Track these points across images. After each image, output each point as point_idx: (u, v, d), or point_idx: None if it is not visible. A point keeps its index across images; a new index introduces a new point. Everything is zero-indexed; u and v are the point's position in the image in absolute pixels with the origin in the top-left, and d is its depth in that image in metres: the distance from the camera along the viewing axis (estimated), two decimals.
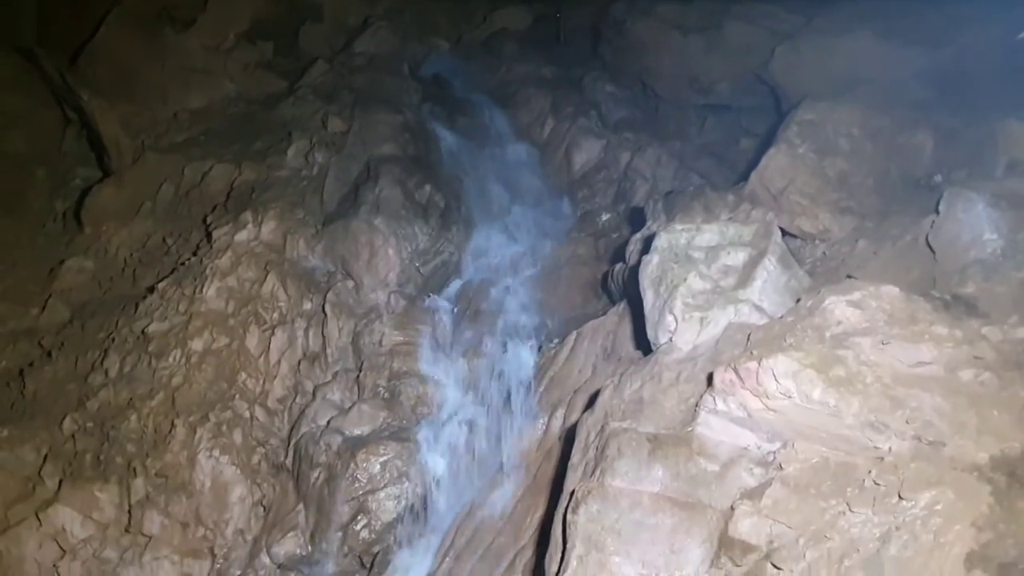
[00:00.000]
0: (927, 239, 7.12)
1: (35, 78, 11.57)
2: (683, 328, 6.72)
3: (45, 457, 8.34)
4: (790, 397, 5.62)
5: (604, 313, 9.15)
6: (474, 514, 7.78)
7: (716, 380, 6.01)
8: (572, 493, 6.02)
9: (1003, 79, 9.04)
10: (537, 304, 9.98)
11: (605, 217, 11.43)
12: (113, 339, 9.21)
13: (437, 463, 8.40)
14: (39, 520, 7.96)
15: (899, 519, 4.92)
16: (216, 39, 12.57)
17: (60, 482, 8.18)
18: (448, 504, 8.22)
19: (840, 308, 5.89)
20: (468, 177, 11.57)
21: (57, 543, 7.94)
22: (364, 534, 8.16)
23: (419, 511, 8.19)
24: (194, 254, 9.92)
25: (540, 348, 9.11)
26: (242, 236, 9.74)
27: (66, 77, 11.03)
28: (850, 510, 5.27)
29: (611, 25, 13.99)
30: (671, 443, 5.97)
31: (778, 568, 5.30)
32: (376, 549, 8.11)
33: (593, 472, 6.06)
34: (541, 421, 8.11)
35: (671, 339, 6.77)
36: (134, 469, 8.22)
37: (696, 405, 6.17)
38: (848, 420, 5.44)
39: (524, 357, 9.00)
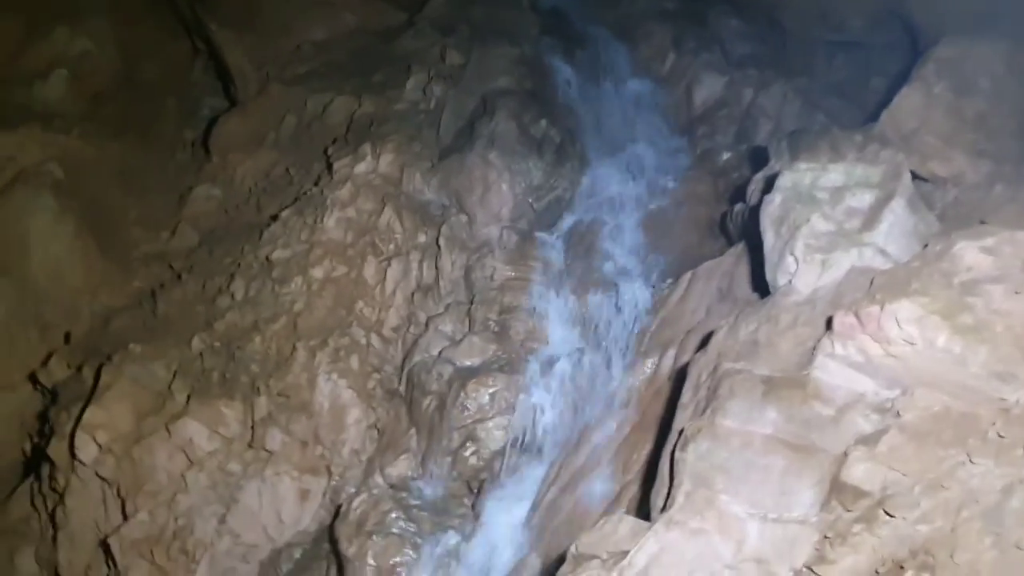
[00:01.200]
0: None
1: (166, 10, 11.96)
2: (803, 270, 6.54)
3: (175, 374, 8.82)
4: (913, 344, 5.43)
5: (721, 254, 9.00)
6: (580, 448, 7.85)
7: (836, 324, 5.85)
8: (681, 431, 6.01)
9: None
10: (651, 243, 9.88)
11: (726, 156, 11.16)
12: (239, 264, 9.61)
13: (544, 397, 8.49)
14: (169, 432, 8.45)
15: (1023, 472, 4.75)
16: None
17: (188, 397, 8.65)
18: (554, 437, 8.32)
19: (971, 254, 5.63)
20: (585, 112, 11.46)
21: (185, 454, 8.43)
22: (472, 460, 8.36)
23: (525, 442, 8.31)
24: (315, 184, 10.19)
25: (653, 287, 9.03)
26: (361, 168, 9.93)
27: (196, 8, 11.37)
28: (971, 461, 5.11)
29: None
30: (785, 385, 5.87)
31: (891, 515, 5.19)
32: (483, 476, 8.31)
33: (704, 411, 6.03)
34: (651, 360, 8.07)
35: (790, 281, 6.61)
36: (258, 388, 8.61)
37: (813, 349, 6.03)
38: (973, 369, 5.24)
39: (636, 296, 8.95)
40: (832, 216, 6.69)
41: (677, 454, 5.89)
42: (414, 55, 11.71)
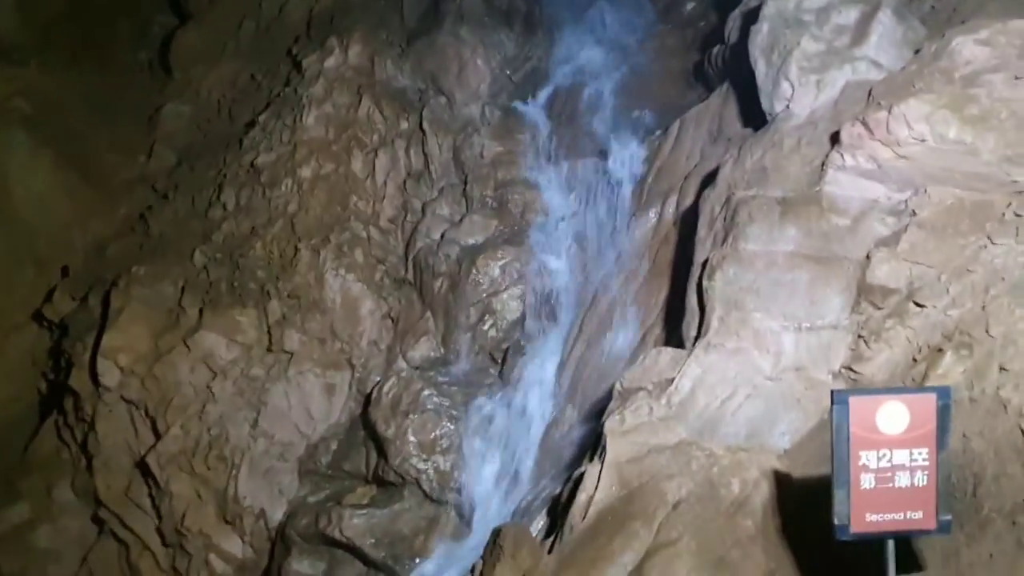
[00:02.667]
0: None
1: None
2: (800, 93, 6.63)
3: (182, 289, 8.82)
4: (923, 141, 5.59)
5: (702, 101, 9.07)
6: (598, 303, 8.03)
7: (843, 135, 5.98)
8: (705, 262, 6.18)
9: None
10: (632, 101, 9.89)
11: (690, 6, 11.09)
12: (225, 175, 9.51)
13: (553, 262, 8.63)
14: (188, 347, 8.50)
15: None
16: None
17: (200, 311, 8.67)
18: (568, 299, 8.49)
19: (968, 47, 5.74)
20: None
21: (207, 366, 8.50)
22: (492, 333, 8.53)
23: (541, 308, 8.47)
24: (286, 85, 10.02)
25: (642, 142, 9.08)
26: (330, 62, 9.77)
27: None
28: (991, 243, 5.34)
29: None
30: (801, 203, 6.03)
31: (921, 305, 5.43)
32: (505, 346, 8.49)
33: (724, 240, 6.18)
34: (653, 210, 8.20)
35: (787, 106, 6.70)
36: (267, 292, 8.65)
37: (822, 165, 6.17)
38: (984, 157, 5.42)
39: (627, 152, 9.01)
40: (821, 36, 6.74)
41: (704, 283, 6.07)
42: None
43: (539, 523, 6.48)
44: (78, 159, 9.96)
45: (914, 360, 5.38)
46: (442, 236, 9.03)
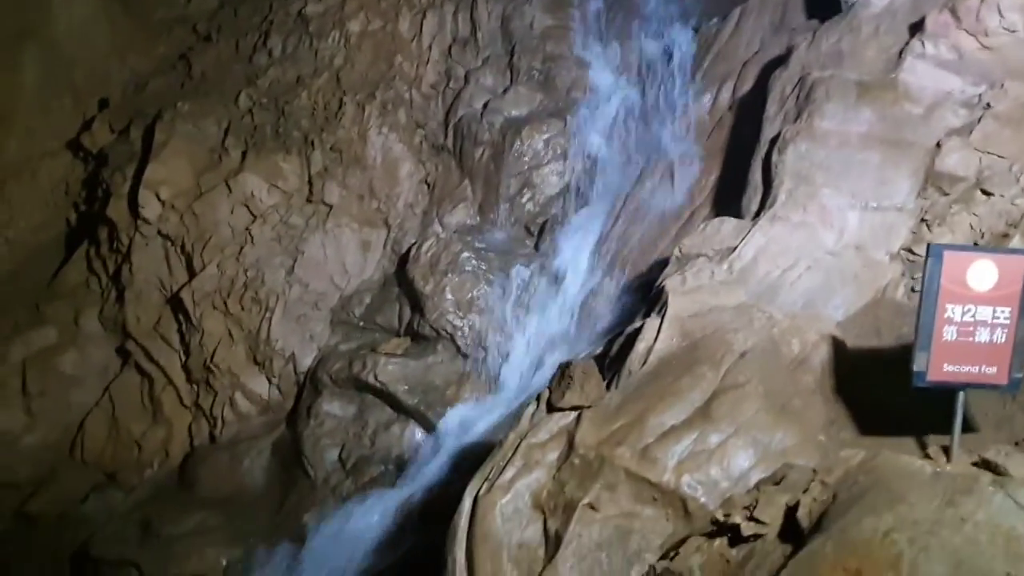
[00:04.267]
0: None
1: None
2: None
3: (226, 131, 8.76)
4: (1014, 31, 5.66)
5: None
6: (643, 182, 8.10)
7: (928, 23, 6.03)
8: (776, 138, 6.25)
9: None
10: None
11: None
12: (271, 21, 9.35)
13: (597, 141, 8.64)
14: (229, 188, 8.49)
15: None
16: None
17: (243, 153, 8.63)
18: (610, 178, 8.53)
19: None
20: None
21: (247, 208, 8.52)
22: (529, 206, 8.59)
23: (581, 185, 8.53)
24: None
25: (696, 29, 9.03)
26: None
27: None
28: None
29: None
30: (877, 87, 6.10)
31: (988, 193, 5.56)
32: (540, 220, 8.57)
33: (798, 117, 6.24)
34: (708, 95, 8.23)
35: None
36: (311, 142, 8.62)
37: (900, 53, 6.22)
38: None
39: (681, 37, 8.96)
40: None
41: (775, 157, 6.15)
42: None
43: None
44: None
45: (976, 245, 5.53)
46: (485, 105, 9.00)
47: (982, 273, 3.92)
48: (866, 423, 4.84)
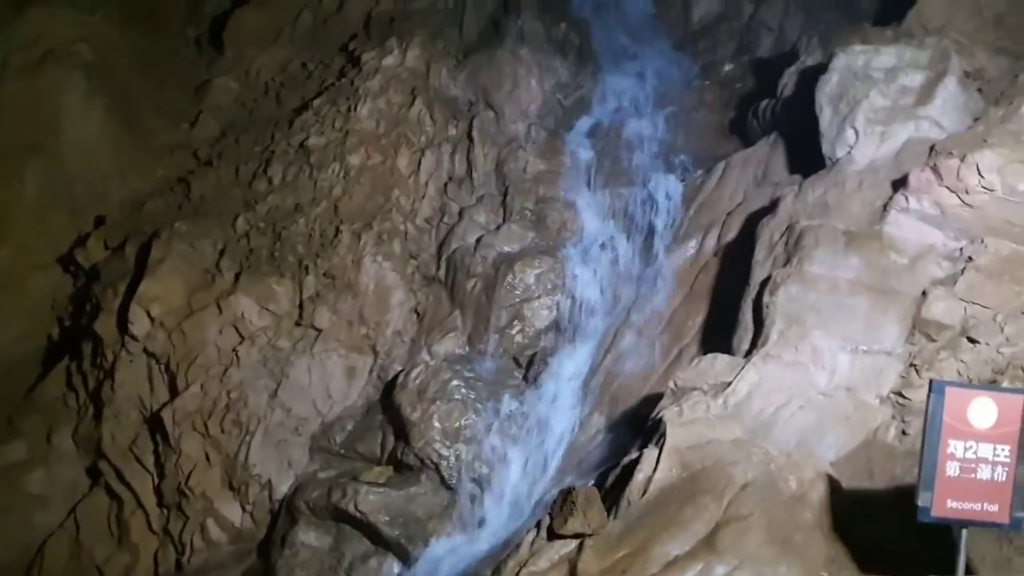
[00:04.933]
0: None
1: None
2: (864, 142, 7.05)
3: (221, 252, 8.86)
4: (992, 191, 6.01)
5: (738, 151, 9.52)
6: (631, 321, 8.28)
7: (911, 179, 6.39)
8: (768, 280, 6.47)
9: None
10: (670, 144, 10.30)
11: (728, 68, 11.61)
12: (272, 151, 9.64)
13: (586, 278, 8.86)
14: (220, 308, 8.52)
15: None
16: None
17: (237, 276, 8.72)
18: (598, 315, 8.72)
19: None
20: (592, 22, 11.73)
21: (236, 330, 8.52)
22: (519, 338, 8.70)
23: (571, 321, 8.68)
24: (340, 77, 10.24)
25: (682, 180, 9.45)
26: (389, 61, 10.04)
27: None
28: None
29: None
30: (864, 237, 6.40)
31: (975, 341, 5.77)
32: (529, 352, 8.66)
33: (788, 262, 6.50)
34: (693, 241, 8.54)
35: (850, 152, 7.11)
36: (306, 267, 8.74)
37: (884, 207, 6.57)
38: None
39: (668, 187, 9.36)
40: (888, 93, 7.19)
41: (766, 299, 6.36)
42: None
43: None
44: (125, 115, 10.03)
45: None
46: (478, 240, 9.23)
47: (982, 410, 4.05)
48: (866, 562, 4.85)
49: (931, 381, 4.07)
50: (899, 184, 6.60)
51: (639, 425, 7.19)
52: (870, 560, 4.82)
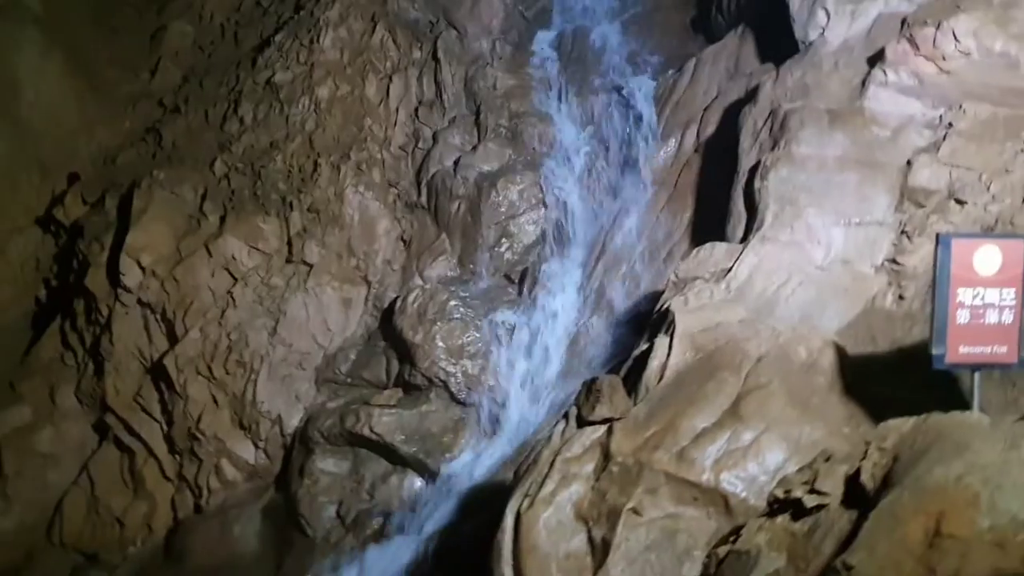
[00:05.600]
0: None
1: None
2: (835, 22, 7.15)
3: (203, 196, 8.80)
4: (968, 55, 6.16)
5: (703, 49, 9.59)
6: (619, 224, 8.41)
7: (888, 52, 6.51)
8: (757, 165, 6.61)
9: None
10: (636, 46, 10.31)
11: None
12: (240, 91, 9.52)
13: (569, 189, 8.94)
14: (209, 251, 8.50)
15: None
16: None
17: (222, 218, 8.68)
18: (584, 223, 8.83)
19: None
20: None
21: (228, 272, 8.52)
22: (508, 255, 8.80)
23: (558, 233, 8.79)
24: (297, 10, 10.08)
25: (654, 80, 9.50)
26: None
27: None
28: None
29: None
30: (846, 114, 6.54)
31: (962, 202, 5.97)
32: (520, 267, 8.77)
33: (775, 146, 6.63)
34: (672, 140, 8.64)
35: (822, 33, 7.20)
36: (290, 204, 8.73)
37: (863, 83, 6.69)
38: (1023, 71, 6.01)
39: (639, 89, 9.40)
40: None
41: (757, 184, 6.50)
42: None
43: None
44: (84, 68, 9.80)
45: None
46: (456, 162, 9.24)
47: (987, 258, 4.24)
48: (882, 418, 5.07)
49: (937, 235, 4.25)
50: (875, 60, 6.72)
51: (641, 321, 7.38)
52: (886, 416, 5.04)
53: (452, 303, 8.23)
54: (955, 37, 6.08)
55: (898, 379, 5.40)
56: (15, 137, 9.13)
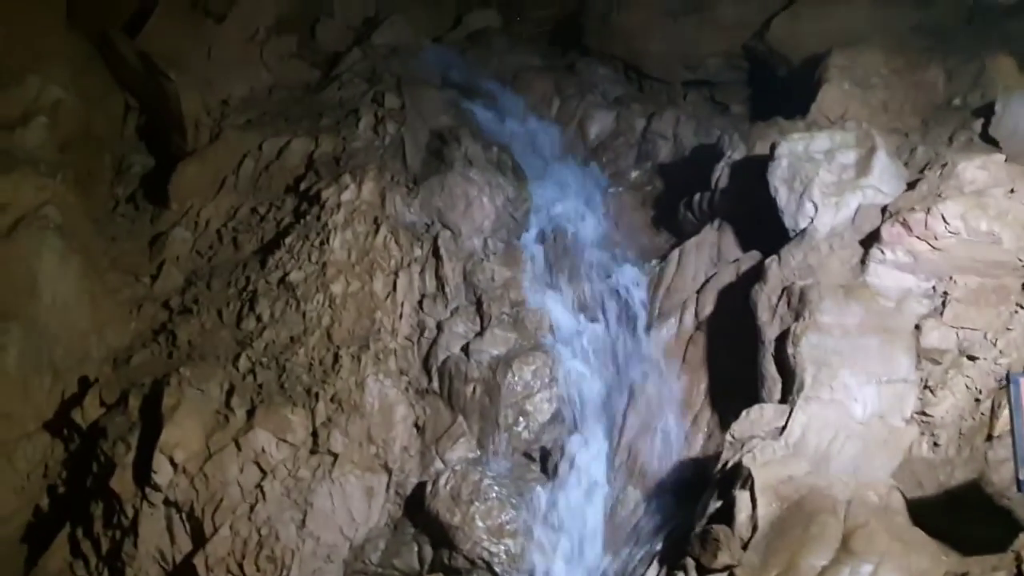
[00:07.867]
0: (986, 134, 9.01)
1: (102, 64, 11.88)
2: (823, 212, 8.27)
3: (228, 392, 8.89)
4: (957, 234, 7.24)
5: (671, 245, 10.69)
6: (636, 398, 8.98)
7: (884, 234, 7.58)
8: (784, 334, 7.40)
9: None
10: (611, 241, 11.31)
11: (634, 174, 12.90)
12: (254, 291, 9.84)
13: (579, 367, 9.52)
14: (238, 446, 8.51)
15: None
16: (248, 31, 13.26)
17: (248, 412, 8.76)
18: (598, 402, 9.35)
19: (971, 170, 7.60)
20: (513, 145, 12.74)
21: (258, 465, 8.52)
22: (525, 434, 9.15)
23: (573, 409, 9.27)
24: (298, 215, 10.65)
25: (641, 269, 10.41)
26: (347, 196, 10.56)
27: (149, 58, 11.48)
28: (1020, 308, 6.93)
29: (595, 18, 15.36)
30: (856, 288, 7.49)
31: (974, 358, 6.87)
32: (536, 446, 9.15)
33: (798, 317, 7.46)
34: (672, 319, 9.45)
35: (812, 221, 8.30)
36: (315, 395, 8.92)
37: (861, 261, 7.72)
38: (1005, 245, 7.12)
39: (628, 277, 10.28)
40: (832, 170, 8.50)
41: (790, 350, 7.28)
42: (350, 101, 12.50)
43: None
44: (96, 273, 9.96)
45: (977, 400, 6.75)
46: (466, 348, 9.72)
47: None
48: (961, 548, 5.65)
49: (1008, 373, 5.02)
50: (868, 241, 7.79)
51: (684, 488, 7.86)
52: (965, 549, 5.63)
53: (485, 483, 8.47)
54: (944, 220, 7.18)
55: (954, 516, 6.05)
56: (31, 340, 9.09)
